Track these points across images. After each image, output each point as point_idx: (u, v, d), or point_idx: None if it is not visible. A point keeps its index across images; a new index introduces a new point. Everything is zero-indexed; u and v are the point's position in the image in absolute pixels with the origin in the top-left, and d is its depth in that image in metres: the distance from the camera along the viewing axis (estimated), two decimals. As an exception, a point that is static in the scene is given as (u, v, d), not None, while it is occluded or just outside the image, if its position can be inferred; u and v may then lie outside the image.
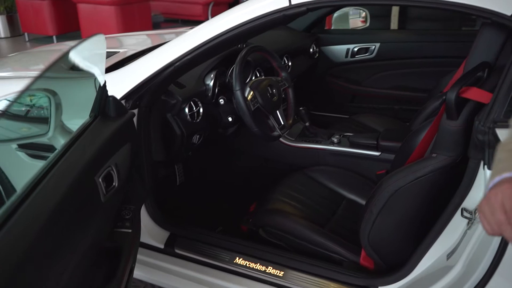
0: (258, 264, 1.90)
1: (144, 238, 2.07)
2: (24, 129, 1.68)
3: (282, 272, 1.86)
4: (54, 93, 1.54)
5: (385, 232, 1.74)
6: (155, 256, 2.08)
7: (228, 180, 2.72)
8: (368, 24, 3.44)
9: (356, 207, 2.20)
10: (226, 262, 1.94)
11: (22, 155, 1.58)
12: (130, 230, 1.57)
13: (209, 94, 2.18)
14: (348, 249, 1.91)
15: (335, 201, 2.23)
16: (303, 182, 2.31)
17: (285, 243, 2.03)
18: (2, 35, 7.71)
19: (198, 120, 2.10)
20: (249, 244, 1.97)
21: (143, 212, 2.03)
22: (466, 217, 1.46)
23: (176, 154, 2.13)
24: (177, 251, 2.04)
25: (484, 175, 1.37)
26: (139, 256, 2.10)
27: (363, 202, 2.22)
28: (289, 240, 2.00)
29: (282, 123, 2.22)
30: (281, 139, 2.54)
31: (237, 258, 1.94)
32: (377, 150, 2.36)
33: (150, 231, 2.07)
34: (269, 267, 1.88)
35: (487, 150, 1.32)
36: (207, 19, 2.38)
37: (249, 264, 1.91)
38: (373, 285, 1.75)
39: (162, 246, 2.07)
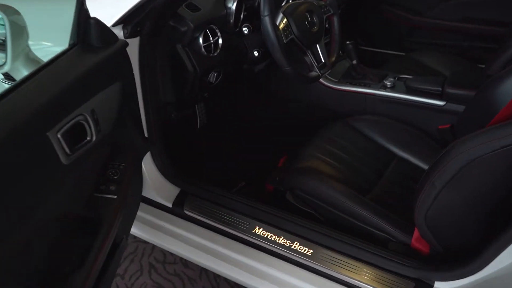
0: (283, 237, 1.54)
1: (150, 193, 1.74)
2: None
3: (311, 251, 1.49)
4: (11, 11, 1.15)
5: (449, 211, 1.31)
6: (160, 216, 1.76)
7: (256, 127, 2.32)
8: None
9: (410, 170, 1.77)
10: (244, 231, 1.59)
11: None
12: (114, 196, 1.22)
13: (231, 21, 1.73)
14: (396, 225, 1.50)
15: (383, 161, 1.80)
16: (345, 134, 1.88)
17: (318, 212, 1.65)
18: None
19: (215, 54, 1.68)
20: (273, 211, 1.60)
21: (150, 164, 1.68)
22: None
23: (189, 95, 1.73)
24: (186, 212, 1.70)
25: None
26: (143, 214, 1.79)
27: (418, 163, 1.78)
28: (323, 209, 1.62)
29: (323, 60, 1.75)
30: (320, 80, 2.09)
31: (257, 227, 1.58)
32: (441, 99, 1.88)
33: (157, 186, 1.73)
34: (296, 243, 1.52)
35: None
36: None
37: (271, 236, 1.55)
38: (427, 279, 1.37)
39: (170, 205, 1.74)
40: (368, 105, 2.03)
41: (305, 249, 1.49)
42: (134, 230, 1.79)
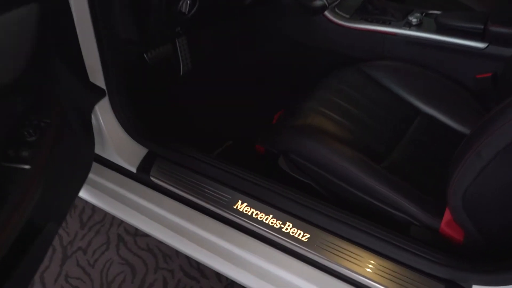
0: (271, 216, 1.19)
1: (109, 154, 1.39)
2: None
3: (307, 235, 1.14)
4: None
5: (498, 191, 0.95)
6: (122, 183, 1.42)
7: (249, 75, 1.93)
8: None
9: (438, 130, 1.39)
10: (223, 207, 1.24)
11: None
12: (26, 166, 0.86)
13: None
14: (421, 204, 1.15)
15: (403, 118, 1.42)
16: (356, 83, 1.49)
17: (318, 184, 1.29)
18: None
19: (186, -26, 1.27)
20: (261, 180, 1.24)
21: (110, 118, 1.32)
22: None
23: (155, 29, 1.34)
24: (152, 179, 1.35)
25: None
26: (100, 180, 1.44)
27: (449, 122, 1.40)
28: (324, 180, 1.26)
29: (331, -13, 1.34)
30: (327, 14, 1.67)
31: (240, 202, 1.23)
32: (482, 40, 1.47)
33: (118, 145, 1.37)
34: (288, 224, 1.17)
35: None
36: None
37: (257, 214, 1.20)
38: (462, 281, 1.02)
39: (133, 170, 1.39)
40: (387, 47, 1.61)
41: (299, 233, 1.15)
42: (90, 199, 1.46)
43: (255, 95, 1.82)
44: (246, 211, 1.22)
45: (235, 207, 1.23)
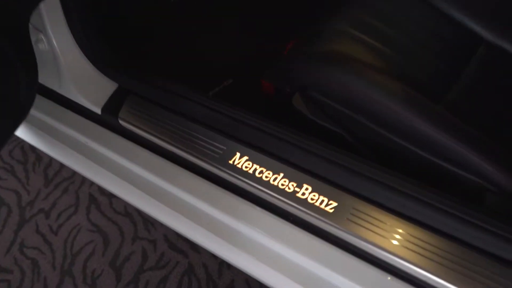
0: (282, 175, 0.84)
1: (67, 91, 1.05)
2: None
3: (333, 204, 0.79)
4: None
5: None
6: (82, 129, 1.07)
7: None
8: None
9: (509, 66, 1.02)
10: (215, 161, 0.89)
11: None
12: None
13: None
14: (500, 162, 0.79)
15: (461, 47, 1.04)
16: (396, 0, 1.11)
17: (350, 132, 0.93)
18: None
19: None
20: (268, 126, 0.89)
21: (69, 43, 0.99)
22: None
23: None
24: (122, 122, 1.00)
25: None
26: (56, 124, 1.10)
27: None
28: (359, 126, 0.90)
29: None
30: None
31: (238, 154, 0.89)
32: None
33: (78, 78, 1.03)
34: (306, 187, 0.82)
35: None
36: None
37: (261, 172, 0.85)
38: None
39: (98, 111, 1.04)
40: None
41: (322, 201, 0.80)
42: (42, 147, 1.12)
43: (261, 23, 1.44)
44: (246, 167, 0.87)
45: (231, 161, 0.88)
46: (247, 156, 0.88)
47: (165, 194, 0.94)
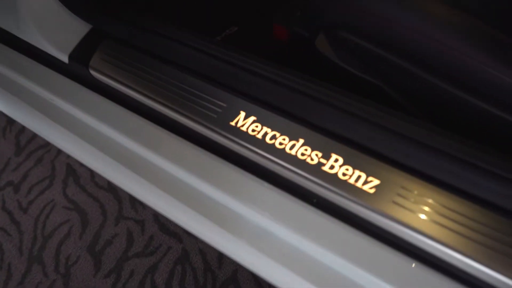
0: (303, 142, 0.62)
1: (26, 32, 0.83)
2: None
3: (375, 182, 0.57)
4: None
5: None
6: (46, 82, 0.84)
7: None
8: None
9: None
10: (212, 122, 0.67)
11: None
12: None
13: None
14: None
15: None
16: None
17: (393, 85, 0.70)
18: None
19: None
20: (287, 77, 0.66)
21: None
22: None
23: None
24: (93, 73, 0.78)
25: None
26: (14, 77, 0.88)
27: None
28: (407, 76, 0.67)
29: None
30: None
31: (243, 113, 0.66)
32: None
33: (41, 17, 0.82)
34: (335, 159, 0.60)
35: None
36: None
37: (274, 138, 0.63)
38: None
39: (64, 59, 0.82)
40: None
41: (359, 176, 0.58)
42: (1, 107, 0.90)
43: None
44: (253, 131, 0.64)
45: (233, 123, 0.66)
46: (254, 116, 0.66)
47: (146, 165, 0.72)
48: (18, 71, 0.86)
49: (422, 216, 0.55)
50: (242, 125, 0.66)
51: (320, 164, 0.60)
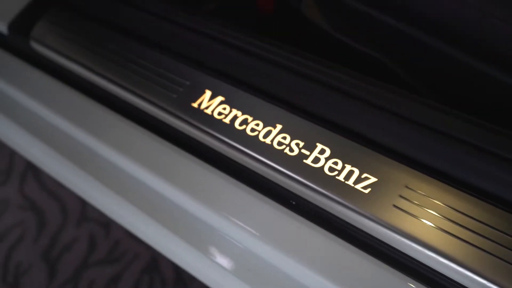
0: (280, 128, 0.49)
1: None
2: None
3: (371, 179, 0.44)
4: None
5: None
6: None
7: None
8: None
9: None
10: (171, 103, 0.54)
11: None
12: None
13: None
14: None
15: None
16: None
17: (392, 56, 0.57)
18: None
19: None
20: (263, 47, 0.53)
21: None
22: None
23: None
24: (34, 45, 0.65)
25: None
26: None
27: None
28: (407, 43, 0.54)
29: None
30: None
31: (209, 92, 0.53)
32: None
33: None
34: (320, 148, 0.47)
35: None
36: None
37: (245, 123, 0.50)
38: None
39: (4, 30, 0.68)
40: None
41: (350, 172, 0.45)
42: None
43: None
44: (220, 114, 0.52)
45: (195, 104, 0.53)
46: (222, 96, 0.53)
47: (92, 157, 0.59)
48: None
49: (431, 225, 0.42)
50: (207, 107, 0.53)
51: (301, 156, 0.47)
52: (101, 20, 0.66)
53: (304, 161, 0.47)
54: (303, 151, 0.48)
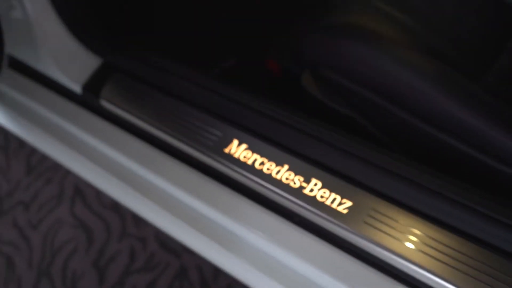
0: (287, 168, 0.70)
1: (41, 63, 0.92)
2: None
3: (348, 204, 0.65)
4: None
5: None
6: (60, 110, 0.93)
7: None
8: None
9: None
10: (209, 149, 0.76)
11: None
12: None
13: None
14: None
15: (500, 23, 0.90)
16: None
17: (368, 117, 0.79)
18: None
19: None
20: (274, 110, 0.75)
21: (45, 7, 0.86)
22: None
23: None
24: (104, 103, 0.87)
25: None
26: (28, 103, 0.97)
27: None
28: (379, 110, 0.75)
29: None
30: None
31: (236, 141, 0.75)
32: None
33: (56, 49, 0.91)
34: (315, 183, 0.68)
35: None
36: None
37: (262, 164, 0.72)
38: None
39: (78, 90, 0.91)
40: None
41: (334, 199, 0.66)
42: (18, 132, 0.99)
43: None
44: (244, 157, 0.73)
45: (227, 150, 0.75)
46: (246, 143, 0.75)
47: (150, 187, 0.81)
48: (35, 99, 0.95)
49: (390, 235, 0.63)
50: (235, 152, 0.75)
51: (301, 188, 0.69)
52: (152, 84, 0.88)
53: (303, 191, 0.69)
54: (302, 184, 0.69)
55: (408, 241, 0.62)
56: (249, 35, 1.22)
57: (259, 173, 0.71)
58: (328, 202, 0.66)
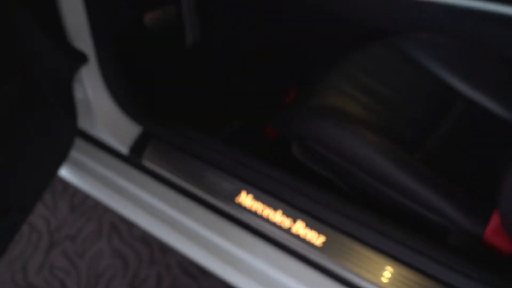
0: (280, 213, 1.00)
1: (98, 131, 1.22)
2: None
3: (323, 238, 0.95)
4: None
5: None
6: (111, 166, 1.23)
7: (264, 47, 1.72)
8: None
9: (482, 119, 1.17)
10: (223, 198, 1.05)
11: None
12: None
13: None
14: (462, 206, 0.94)
15: (441, 102, 1.21)
16: (387, 60, 1.27)
17: (340, 178, 1.09)
18: None
19: None
20: (270, 171, 1.05)
21: (101, 89, 1.15)
22: None
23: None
24: (145, 163, 1.17)
25: None
26: (86, 160, 1.27)
27: (498, 110, 1.18)
28: (347, 173, 1.05)
29: None
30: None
31: (244, 193, 1.04)
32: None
33: (109, 121, 1.19)
34: (299, 224, 0.97)
35: None
36: None
37: (263, 209, 1.01)
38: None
39: (125, 151, 1.21)
40: (425, 17, 1.39)
41: (313, 235, 0.96)
42: (74, 180, 1.29)
43: (269, 70, 1.62)
44: (250, 204, 1.03)
45: (237, 199, 1.04)
46: (251, 194, 1.04)
47: (181, 225, 1.10)
48: (91, 157, 1.25)
49: (350, 262, 0.92)
50: (243, 201, 1.04)
51: (290, 227, 0.98)
52: (180, 148, 1.18)
53: (292, 229, 0.98)
54: (291, 224, 0.98)
55: (365, 265, 0.91)
56: (252, 106, 1.53)
57: (261, 216, 1.01)
58: (308, 237, 0.95)
